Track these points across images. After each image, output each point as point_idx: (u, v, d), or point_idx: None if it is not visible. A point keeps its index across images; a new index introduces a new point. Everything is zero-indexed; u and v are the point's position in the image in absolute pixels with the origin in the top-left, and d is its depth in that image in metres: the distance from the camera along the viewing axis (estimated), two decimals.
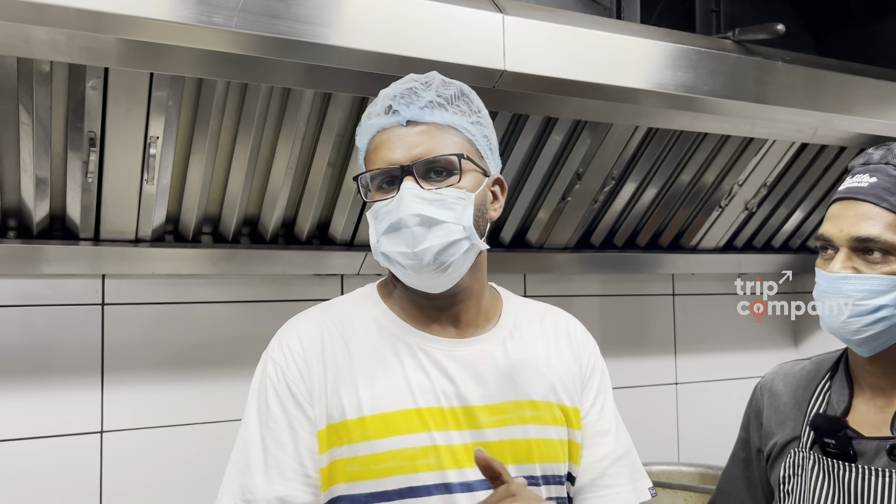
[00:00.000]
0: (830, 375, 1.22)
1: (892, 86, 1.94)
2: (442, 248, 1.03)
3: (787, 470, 1.19)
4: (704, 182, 2.07)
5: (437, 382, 1.07)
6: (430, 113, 1.06)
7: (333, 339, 1.09)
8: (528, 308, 1.21)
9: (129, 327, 1.75)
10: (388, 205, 1.04)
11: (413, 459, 1.04)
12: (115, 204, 1.53)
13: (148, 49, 1.23)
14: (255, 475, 1.05)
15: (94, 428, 1.72)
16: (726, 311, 2.55)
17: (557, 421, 1.12)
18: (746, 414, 1.34)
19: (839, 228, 1.11)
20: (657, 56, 1.47)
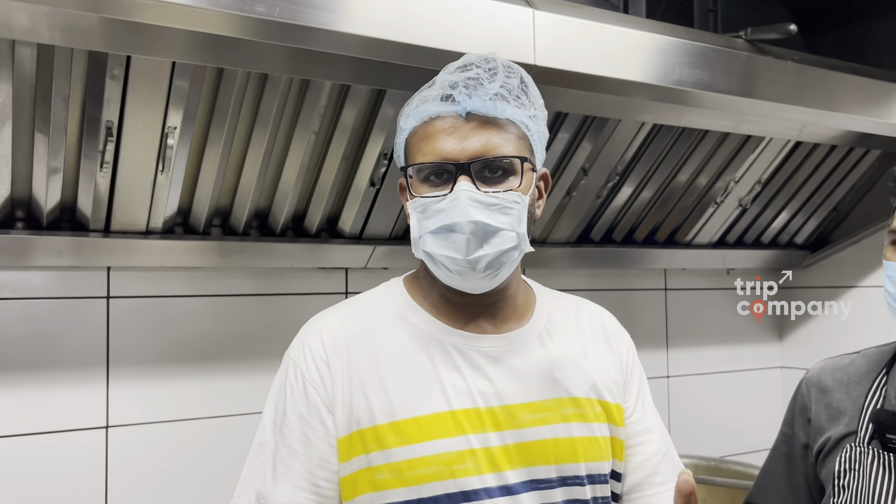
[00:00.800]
0: (887, 370, 1.22)
1: (879, 84, 1.99)
2: (495, 256, 0.99)
3: (842, 464, 1.19)
4: (702, 178, 2.11)
5: (472, 382, 1.03)
6: (492, 106, 0.99)
7: (359, 339, 1.04)
8: (561, 302, 1.17)
9: (135, 321, 1.72)
10: (440, 203, 0.98)
11: (449, 465, 0.99)
12: (128, 195, 1.50)
13: (138, 31, 1.18)
14: (267, 480, 1.02)
15: (99, 423, 1.69)
16: (715, 305, 2.60)
17: (599, 418, 1.08)
18: (790, 410, 1.34)
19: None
20: (675, 52, 1.49)
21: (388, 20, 1.24)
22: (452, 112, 0.99)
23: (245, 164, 1.58)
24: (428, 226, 1.00)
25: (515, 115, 1.01)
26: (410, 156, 1.04)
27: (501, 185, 0.99)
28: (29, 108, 1.35)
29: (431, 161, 0.99)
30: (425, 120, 1.01)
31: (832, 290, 2.58)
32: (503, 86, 1.00)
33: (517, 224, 1.00)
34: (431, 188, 1.01)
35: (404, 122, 1.05)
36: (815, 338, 2.63)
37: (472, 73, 1.01)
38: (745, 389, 2.65)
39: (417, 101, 1.04)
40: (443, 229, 0.98)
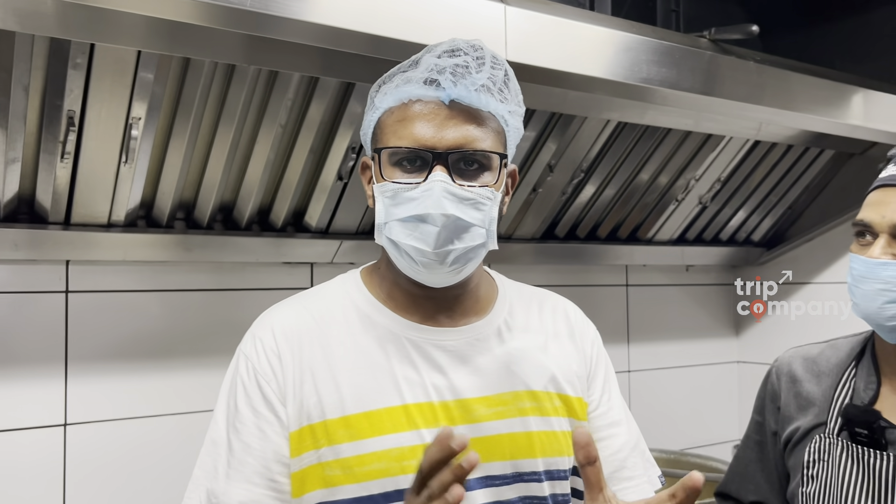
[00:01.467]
0: (856, 363, 1.24)
1: (834, 85, 2.04)
2: (463, 252, 0.97)
3: (812, 454, 1.21)
4: (664, 177, 2.14)
5: (426, 376, 1.00)
6: (477, 97, 0.95)
7: (312, 332, 1.01)
8: (524, 295, 1.14)
9: (95, 316, 1.69)
10: (412, 191, 0.95)
11: (400, 460, 0.96)
12: (90, 187, 1.47)
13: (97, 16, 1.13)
14: (220, 478, 0.98)
15: (57, 421, 1.64)
16: (675, 301, 2.65)
17: (559, 412, 1.05)
18: (760, 397, 1.36)
19: (881, 214, 1.13)
20: (643, 51, 1.51)
21: (356, 11, 1.23)
22: (435, 98, 0.95)
23: (210, 157, 1.56)
24: (396, 213, 0.96)
25: (498, 108, 0.98)
26: (383, 136, 0.99)
27: (476, 180, 0.97)
28: None
29: (408, 146, 0.95)
30: (405, 101, 0.97)
31: (787, 286, 2.65)
32: (490, 77, 0.97)
33: (488, 221, 0.98)
34: (403, 174, 0.97)
35: (380, 100, 1.00)
36: (771, 333, 2.69)
37: (460, 59, 0.96)
38: (704, 383, 2.70)
39: (399, 80, 0.99)
40: (413, 218, 0.95)
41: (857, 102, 2.07)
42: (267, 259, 1.82)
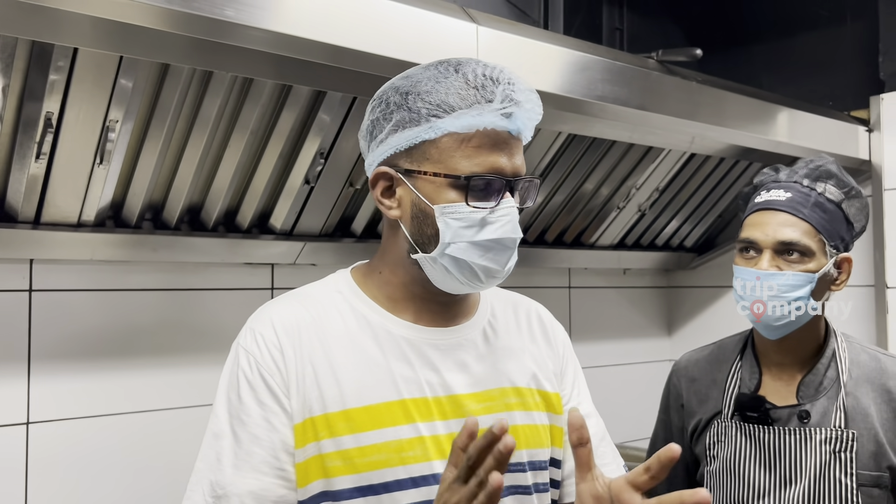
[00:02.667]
0: (740, 357, 1.46)
1: (761, 103, 2.21)
2: (512, 267, 1.07)
3: (712, 437, 1.42)
4: (608, 185, 2.27)
5: (420, 373, 1.06)
6: (531, 130, 1.06)
7: (310, 328, 1.06)
8: (501, 297, 1.23)
9: (59, 315, 1.69)
10: (491, 215, 1.00)
11: (399, 452, 1.02)
12: (63, 186, 1.48)
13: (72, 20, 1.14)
14: (226, 469, 1.01)
15: (19, 419, 1.65)
16: (612, 303, 2.79)
17: (539, 406, 1.14)
18: (665, 398, 1.55)
19: (765, 233, 1.34)
20: (599, 70, 1.62)
21: (322, 23, 1.29)
22: (504, 128, 1.01)
23: (182, 160, 1.59)
24: (468, 234, 1.00)
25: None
26: (448, 160, 1.01)
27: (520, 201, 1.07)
28: None
29: (485, 173, 1.00)
30: (479, 128, 1.00)
31: (715, 289, 2.83)
32: (539, 108, 1.06)
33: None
34: (477, 200, 1.00)
35: (446, 123, 1.00)
36: (700, 333, 2.86)
37: (521, 94, 1.03)
38: (639, 380, 2.85)
39: (466, 101, 1.00)
40: (492, 242, 1.01)
41: (782, 120, 2.25)
42: (229, 260, 1.86)
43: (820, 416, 1.35)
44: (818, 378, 1.38)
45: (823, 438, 1.33)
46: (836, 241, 1.36)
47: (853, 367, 1.38)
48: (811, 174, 1.39)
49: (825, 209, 1.35)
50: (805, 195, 1.35)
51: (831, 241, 1.35)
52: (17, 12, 1.11)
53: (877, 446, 1.32)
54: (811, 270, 1.33)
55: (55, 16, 1.13)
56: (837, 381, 1.36)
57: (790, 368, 1.40)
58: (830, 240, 1.34)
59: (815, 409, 1.36)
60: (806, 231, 1.33)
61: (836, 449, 1.32)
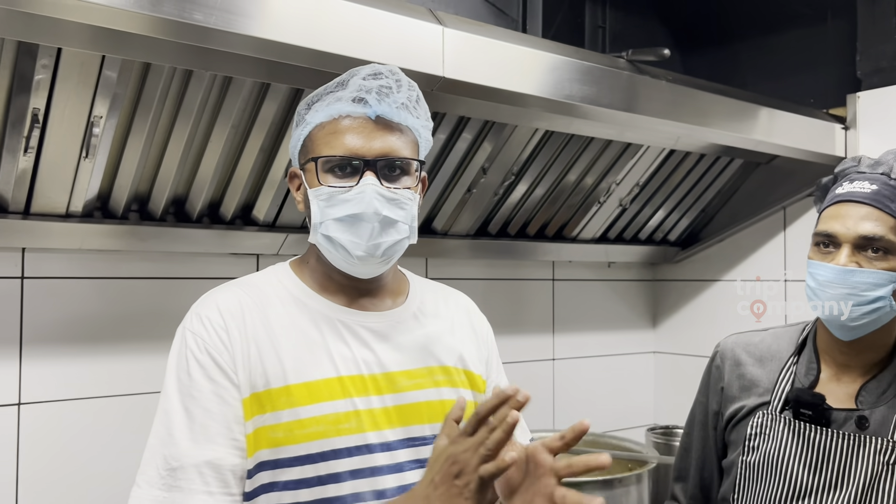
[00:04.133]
0: (797, 353, 1.41)
1: (740, 103, 2.25)
2: (392, 244, 1.13)
3: (754, 428, 1.38)
4: (588, 180, 2.32)
5: (357, 352, 1.15)
6: (397, 113, 1.12)
7: (252, 311, 1.13)
8: (431, 288, 1.34)
9: (49, 301, 1.77)
10: (346, 194, 1.10)
11: (336, 424, 1.10)
12: (51, 179, 1.56)
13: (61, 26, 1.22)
14: (180, 443, 1.07)
15: (11, 400, 1.73)
16: (597, 295, 2.85)
17: (465, 384, 1.24)
18: (705, 380, 1.52)
19: (846, 227, 1.27)
20: (567, 70, 1.68)
21: (301, 27, 1.35)
22: (363, 114, 1.12)
23: (166, 153, 1.66)
24: (332, 213, 1.11)
25: (413, 123, 1.16)
26: (315, 148, 1.14)
27: (399, 183, 1.14)
28: None
29: (342, 154, 1.11)
30: (334, 117, 1.12)
31: (699, 283, 2.88)
32: (407, 97, 1.15)
33: (410, 218, 1.15)
34: (336, 179, 1.12)
35: (311, 117, 1.15)
36: (684, 326, 2.92)
37: (383, 81, 1.13)
38: (623, 372, 2.91)
39: (329, 99, 1.14)
40: (349, 217, 1.10)
41: (760, 119, 2.29)
42: (215, 250, 1.93)
43: (878, 424, 1.30)
44: (882, 385, 1.33)
45: (879, 448, 1.28)
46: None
47: None
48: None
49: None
50: (892, 188, 1.28)
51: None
52: (5, 17, 1.19)
53: None
54: (894, 269, 1.26)
55: (42, 21, 1.20)
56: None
57: (853, 371, 1.35)
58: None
59: (874, 416, 1.31)
60: (892, 227, 1.25)
61: (889, 461, 1.28)
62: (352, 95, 1.12)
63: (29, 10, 1.17)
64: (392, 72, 1.16)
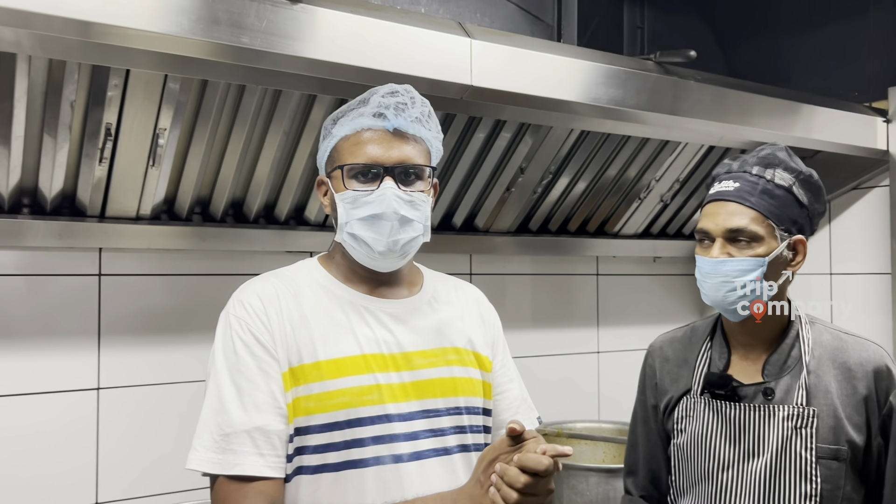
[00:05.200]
0: (710, 339, 1.55)
1: (782, 102, 2.29)
2: (408, 241, 1.28)
3: (681, 412, 1.53)
4: (627, 177, 2.39)
5: (378, 333, 1.30)
6: (412, 126, 1.28)
7: (287, 298, 1.29)
8: (443, 279, 1.48)
9: (123, 296, 1.96)
10: (369, 196, 1.26)
11: (360, 395, 1.25)
12: (122, 186, 1.73)
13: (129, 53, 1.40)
14: (231, 412, 1.21)
15: (91, 385, 1.92)
16: (642, 289, 2.91)
17: (473, 364, 1.38)
18: (641, 379, 1.67)
19: (715, 223, 1.44)
20: (593, 75, 1.76)
21: (347, 47, 1.49)
22: (382, 127, 1.28)
23: (224, 160, 1.82)
24: (356, 213, 1.27)
25: (426, 135, 1.31)
26: (340, 157, 1.30)
27: (414, 187, 1.29)
28: (39, 111, 1.57)
29: (363, 162, 1.27)
30: (357, 130, 1.28)
31: None
32: (421, 112, 1.30)
33: (424, 217, 1.30)
34: (360, 184, 1.28)
35: (337, 130, 1.31)
36: None
37: (399, 98, 1.29)
38: None
39: (353, 115, 1.30)
40: (371, 217, 1.26)
41: (802, 116, 2.32)
42: (271, 248, 2.08)
43: (783, 393, 1.43)
44: (782, 357, 1.46)
45: (786, 415, 1.41)
46: (786, 225, 1.43)
47: (816, 347, 1.46)
48: (760, 162, 1.46)
49: (773, 195, 1.42)
50: (753, 183, 1.43)
51: (781, 224, 1.42)
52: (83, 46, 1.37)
53: (836, 421, 1.40)
54: (760, 255, 1.40)
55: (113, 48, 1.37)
56: (800, 361, 1.45)
57: (756, 349, 1.48)
58: (780, 224, 1.42)
59: (779, 386, 1.44)
60: (753, 218, 1.40)
61: (797, 425, 1.40)
62: (372, 111, 1.28)
63: (102, 40, 1.34)
64: (407, 90, 1.32)
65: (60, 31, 1.30)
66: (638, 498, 1.64)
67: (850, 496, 1.41)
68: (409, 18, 1.55)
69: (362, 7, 1.53)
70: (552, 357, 2.66)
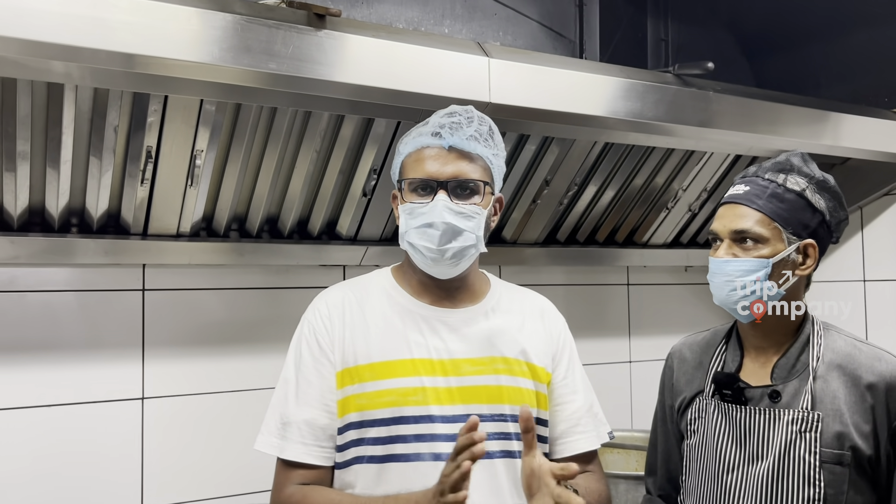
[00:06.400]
0: (725, 342, 1.58)
1: (810, 111, 2.30)
2: (458, 250, 1.38)
3: (693, 413, 1.55)
4: (653, 187, 2.42)
5: (430, 340, 1.41)
6: (467, 143, 1.38)
7: (352, 305, 1.45)
8: (511, 291, 1.56)
9: (166, 309, 2.05)
10: (423, 208, 1.37)
11: (404, 396, 1.37)
12: (163, 205, 1.83)
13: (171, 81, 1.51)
14: (290, 404, 1.41)
15: (136, 395, 2.01)
16: (673, 298, 2.92)
17: (525, 374, 1.45)
18: (661, 379, 1.70)
19: (723, 225, 1.48)
20: (610, 89, 1.81)
21: (377, 70, 1.58)
22: (439, 145, 1.39)
23: (259, 178, 1.91)
24: (412, 223, 1.39)
25: (482, 152, 1.41)
26: (404, 172, 1.43)
27: (468, 200, 1.39)
28: (85, 137, 1.67)
29: (420, 177, 1.39)
30: (418, 148, 1.41)
31: None
32: (476, 130, 1.40)
33: (476, 228, 1.39)
34: (418, 197, 1.40)
35: (402, 148, 1.44)
36: None
37: (455, 118, 1.41)
38: None
39: (414, 134, 1.43)
40: (424, 225, 1.37)
41: (830, 124, 2.33)
42: (306, 262, 2.17)
43: (790, 397, 1.44)
44: (791, 361, 1.47)
45: (791, 419, 1.42)
46: (795, 229, 1.44)
47: (827, 353, 1.47)
48: (774, 167, 1.49)
49: (783, 199, 1.44)
50: (763, 187, 1.45)
51: (788, 227, 1.44)
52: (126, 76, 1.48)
53: (842, 427, 1.40)
54: (765, 256, 1.43)
55: (152, 77, 1.48)
56: (809, 366, 1.46)
57: (767, 351, 1.50)
58: (787, 227, 1.43)
59: (786, 390, 1.45)
60: (759, 220, 1.43)
61: (801, 429, 1.41)
62: (431, 130, 1.41)
63: (143, 70, 1.45)
64: (466, 110, 1.43)
65: (105, 62, 1.41)
66: (656, 498, 1.66)
67: (854, 500, 1.41)
68: (429, 40, 1.62)
69: (384, 31, 1.61)
70: (584, 367, 2.69)
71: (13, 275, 1.89)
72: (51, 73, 1.44)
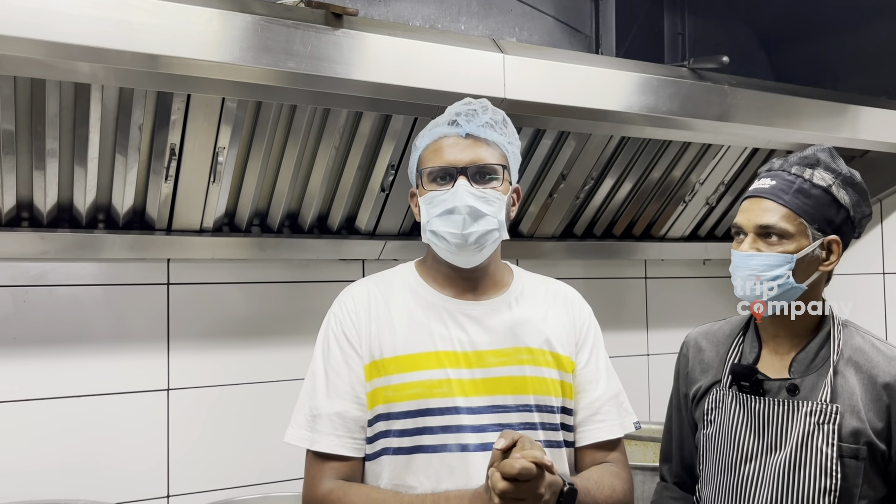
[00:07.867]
0: (743, 333, 1.58)
1: (828, 104, 2.30)
2: (482, 233, 1.38)
3: (710, 404, 1.56)
4: (670, 181, 2.43)
5: (453, 332, 1.42)
6: (483, 130, 1.40)
7: (377, 300, 1.46)
8: (535, 280, 1.56)
9: (190, 303, 2.10)
10: (444, 195, 1.38)
11: (430, 388, 1.39)
12: (187, 201, 1.88)
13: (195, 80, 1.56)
14: (319, 397, 1.41)
15: (161, 386, 2.07)
16: (691, 291, 2.93)
17: (550, 364, 1.45)
18: (676, 367, 1.71)
19: (748, 219, 1.48)
20: (624, 83, 1.83)
21: (395, 68, 1.61)
22: (455, 133, 1.41)
23: (279, 175, 1.95)
24: (434, 211, 1.39)
25: (498, 139, 1.42)
26: (422, 163, 1.43)
27: (488, 185, 1.40)
28: (111, 135, 1.72)
29: (440, 166, 1.40)
30: (435, 139, 1.42)
31: None
32: (491, 118, 1.42)
33: (498, 212, 1.40)
34: (438, 186, 1.41)
35: (419, 142, 1.45)
36: None
37: (470, 107, 1.42)
38: None
39: (430, 126, 1.44)
40: (446, 212, 1.38)
41: (848, 117, 2.33)
42: (326, 256, 2.21)
43: (808, 390, 1.45)
44: (810, 356, 1.48)
45: (809, 410, 1.43)
46: (820, 224, 1.44)
47: (846, 349, 1.47)
48: (801, 161, 1.48)
49: (809, 194, 1.44)
50: (789, 182, 1.45)
51: (814, 223, 1.44)
52: (150, 76, 1.52)
53: (858, 423, 1.41)
54: (789, 251, 1.43)
55: (175, 77, 1.53)
56: (828, 361, 1.47)
57: (786, 344, 1.51)
58: (813, 223, 1.43)
59: (805, 383, 1.46)
60: (784, 215, 1.43)
61: (819, 420, 1.42)
62: (447, 120, 1.43)
63: (166, 70, 1.49)
64: (480, 101, 1.44)
65: (130, 63, 1.46)
66: (671, 485, 1.68)
67: (867, 493, 1.42)
68: (445, 38, 1.65)
69: (400, 29, 1.64)
70: None
71: (43, 269, 1.94)
72: (78, 74, 1.49)
